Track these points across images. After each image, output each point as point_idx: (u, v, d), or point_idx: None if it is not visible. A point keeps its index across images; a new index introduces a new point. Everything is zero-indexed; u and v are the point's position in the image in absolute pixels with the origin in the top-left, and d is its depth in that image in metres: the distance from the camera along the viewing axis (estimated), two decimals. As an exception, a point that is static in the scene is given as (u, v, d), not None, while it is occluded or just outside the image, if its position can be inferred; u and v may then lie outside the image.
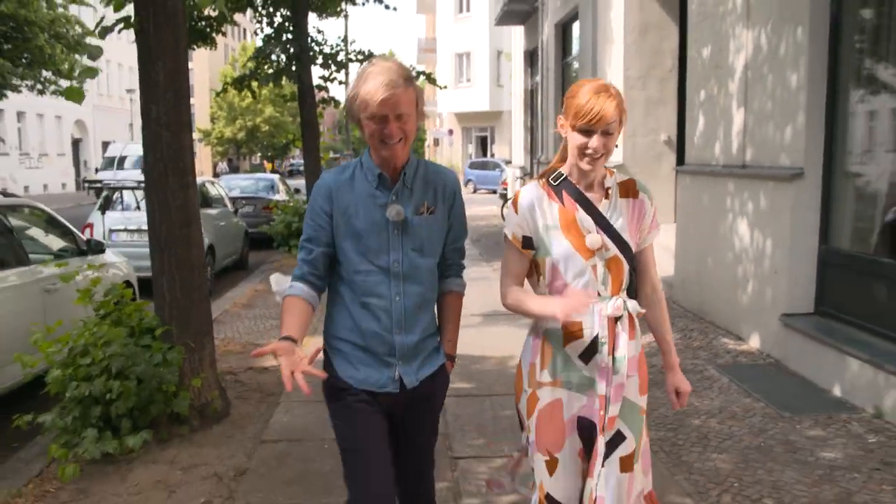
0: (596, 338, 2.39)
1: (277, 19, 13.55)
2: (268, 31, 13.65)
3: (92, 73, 4.17)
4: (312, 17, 14.27)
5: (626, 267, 2.44)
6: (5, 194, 6.79)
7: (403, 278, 2.40)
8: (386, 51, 67.38)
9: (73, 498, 3.93)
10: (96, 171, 36.36)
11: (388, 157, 2.34)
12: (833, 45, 5.72)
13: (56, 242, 6.42)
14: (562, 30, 15.23)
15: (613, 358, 2.39)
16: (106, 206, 10.15)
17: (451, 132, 44.47)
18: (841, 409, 5.00)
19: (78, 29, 20.82)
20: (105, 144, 47.20)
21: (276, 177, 17.93)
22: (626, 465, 2.42)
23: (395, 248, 2.39)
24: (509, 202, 2.53)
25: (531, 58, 19.16)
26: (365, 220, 2.38)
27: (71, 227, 6.74)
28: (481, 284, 8.41)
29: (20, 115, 38.02)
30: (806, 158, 5.84)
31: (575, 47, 14.28)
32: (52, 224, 6.52)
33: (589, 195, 2.43)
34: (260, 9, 13.87)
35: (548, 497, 2.47)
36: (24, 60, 19.45)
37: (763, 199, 6.40)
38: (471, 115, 43.38)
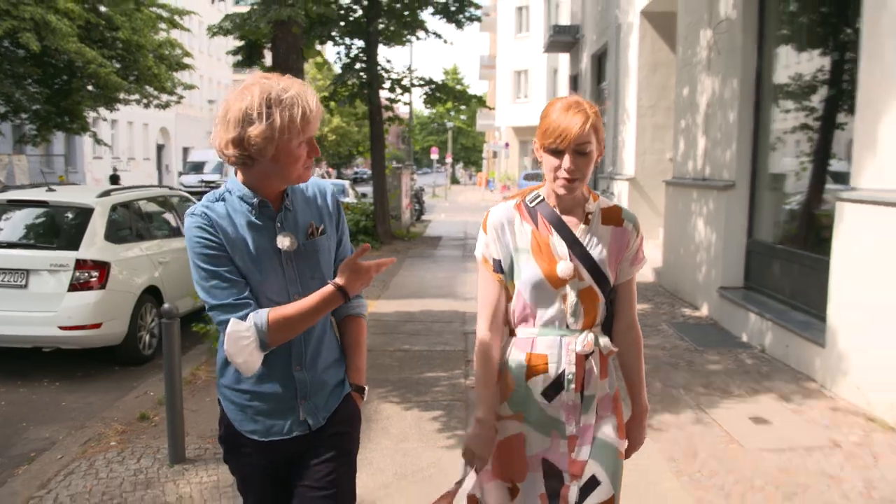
0: (562, 374, 2.23)
1: (353, 51, 16.14)
2: (345, 60, 16.24)
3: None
4: (382, 49, 16.78)
5: (601, 300, 2.27)
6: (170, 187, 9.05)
7: None
8: (450, 66, 70.32)
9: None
10: (179, 174, 39.78)
11: (298, 182, 2.16)
12: (757, 92, 7.92)
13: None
14: (597, 60, 17.50)
15: (582, 396, 2.25)
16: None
17: (507, 145, 46.80)
18: (740, 347, 7.21)
19: (178, 51, 23.88)
20: (185, 150, 51.13)
21: (346, 182, 20.62)
22: None
23: (291, 280, 2.16)
24: (482, 222, 2.36)
25: (575, 82, 21.42)
26: (253, 255, 2.12)
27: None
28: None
29: (113, 122, 41.76)
30: (737, 174, 8.04)
31: (607, 76, 16.53)
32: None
33: (566, 218, 2.27)
34: (338, 40, 16.52)
35: None
36: (132, 78, 22.46)
37: (711, 203, 8.61)
38: (527, 129, 45.54)
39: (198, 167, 37.10)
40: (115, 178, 25.55)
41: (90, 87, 21.44)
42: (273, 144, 2.01)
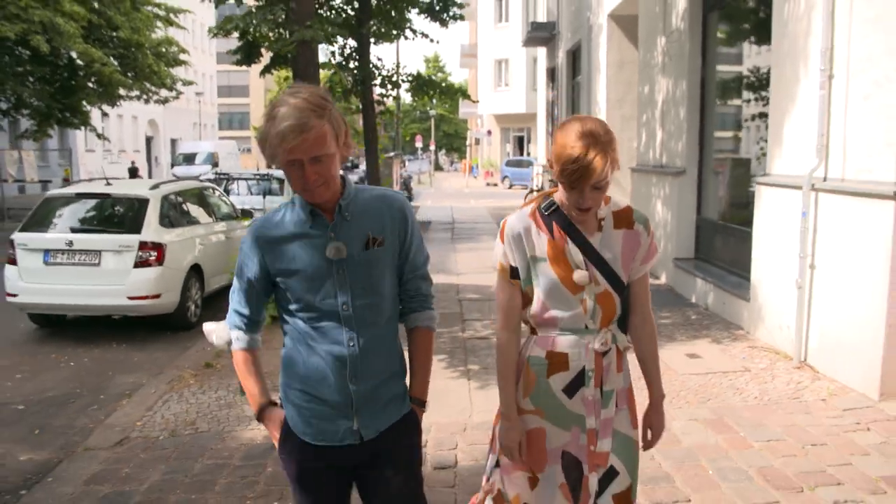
0: (582, 370, 2.34)
1: (347, 51, 17.43)
2: (339, 59, 17.52)
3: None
4: (372, 45, 17.99)
5: (617, 301, 2.38)
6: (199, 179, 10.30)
7: (356, 322, 2.22)
8: (431, 54, 71.60)
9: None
10: (172, 165, 40.86)
11: (312, 201, 2.18)
12: (702, 93, 9.37)
13: (223, 209, 10.28)
14: (572, 56, 18.91)
15: (601, 391, 2.36)
16: (227, 192, 14.13)
17: (489, 133, 48.17)
18: (688, 306, 8.68)
19: (174, 49, 25.08)
20: (173, 141, 51.97)
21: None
22: (621, 502, 2.39)
23: (342, 289, 2.20)
24: (499, 230, 2.44)
25: (552, 74, 22.83)
26: (304, 263, 2.20)
27: (229, 199, 10.69)
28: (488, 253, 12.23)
29: (104, 116, 42.76)
30: (687, 162, 9.49)
31: (581, 71, 17.94)
32: (220, 198, 10.44)
33: (580, 226, 2.35)
34: (332, 40, 17.78)
35: None
36: (130, 75, 23.66)
37: (667, 187, 10.07)
38: (509, 116, 46.83)
39: (189, 158, 38.13)
40: (133, 171, 26.75)
41: (91, 85, 22.64)
42: (269, 156, 2.11)
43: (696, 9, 9.25)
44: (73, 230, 7.91)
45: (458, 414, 5.29)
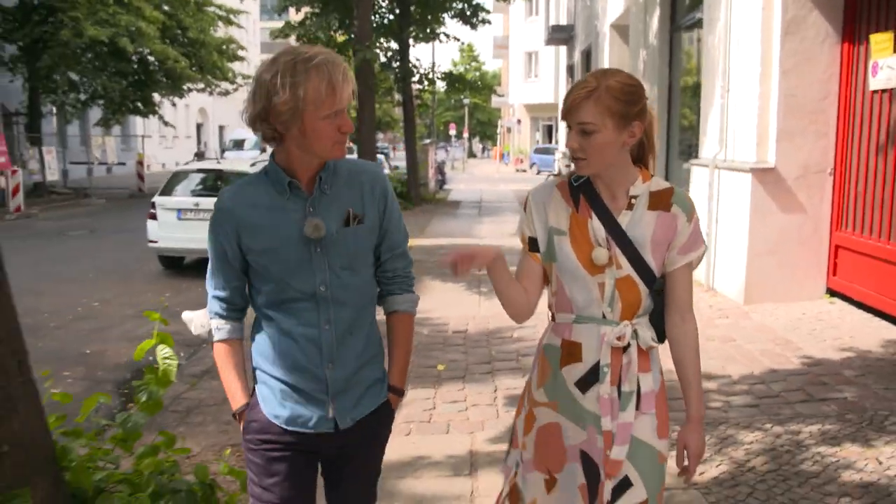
0: (597, 365, 2.12)
1: (390, 53, 20.31)
2: (383, 60, 20.41)
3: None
4: (413, 49, 20.83)
5: (642, 290, 2.13)
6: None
7: (333, 303, 2.08)
8: (465, 44, 74.09)
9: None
10: (223, 151, 44.14)
11: (333, 157, 2.04)
12: (669, 96, 12.03)
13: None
14: (585, 56, 21.57)
15: (619, 391, 2.13)
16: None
17: (519, 122, 50.79)
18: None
19: (234, 46, 28.19)
20: (221, 128, 55.19)
21: (381, 156, 24.96)
22: None
23: (319, 268, 2.05)
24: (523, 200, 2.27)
25: (571, 71, 25.45)
26: (280, 240, 2.04)
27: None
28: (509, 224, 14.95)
29: (159, 104, 46.20)
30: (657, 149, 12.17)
31: (591, 69, 20.58)
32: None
33: (609, 201, 2.13)
34: (376, 43, 20.70)
35: None
36: (195, 69, 26.80)
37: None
38: (538, 106, 49.28)
39: (238, 144, 41.42)
40: (200, 155, 30.22)
41: (162, 78, 25.85)
42: (299, 116, 1.92)
43: (665, 29, 11.95)
44: (197, 194, 10.88)
45: (469, 310, 8.13)
